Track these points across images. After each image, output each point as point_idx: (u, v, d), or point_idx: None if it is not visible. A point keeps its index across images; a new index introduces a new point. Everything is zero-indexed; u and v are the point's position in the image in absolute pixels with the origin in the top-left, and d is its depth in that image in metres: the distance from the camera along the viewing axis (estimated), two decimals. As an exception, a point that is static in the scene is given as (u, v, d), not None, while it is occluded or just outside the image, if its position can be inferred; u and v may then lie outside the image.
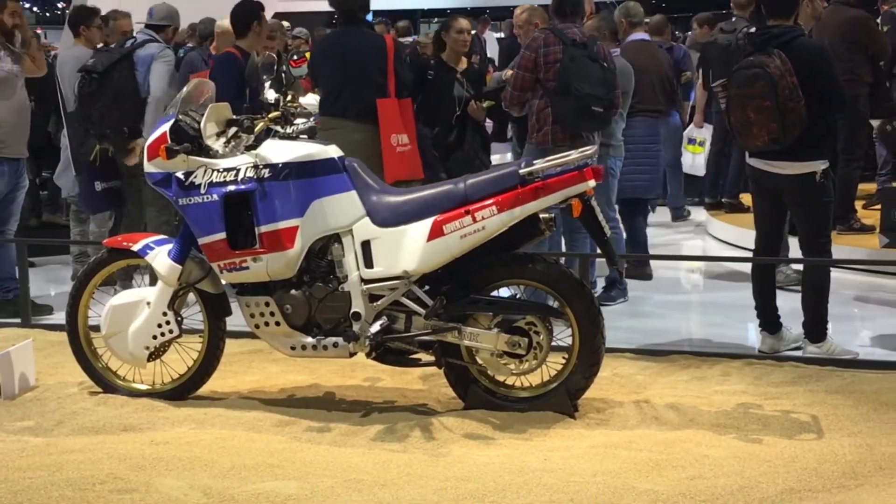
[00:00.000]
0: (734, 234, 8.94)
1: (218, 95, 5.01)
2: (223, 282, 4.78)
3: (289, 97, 4.89)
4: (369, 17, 8.09)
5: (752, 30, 5.69)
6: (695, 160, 9.81)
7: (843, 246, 7.05)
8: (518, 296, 4.71)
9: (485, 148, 7.21)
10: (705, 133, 9.82)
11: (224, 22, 7.27)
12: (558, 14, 6.37)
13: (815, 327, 5.51)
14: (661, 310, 6.88)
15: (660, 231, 9.74)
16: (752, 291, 5.74)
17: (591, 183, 4.35)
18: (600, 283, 6.94)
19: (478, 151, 7.11)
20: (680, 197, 10.09)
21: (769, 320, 5.68)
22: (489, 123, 7.64)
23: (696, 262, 8.49)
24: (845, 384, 4.98)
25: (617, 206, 6.87)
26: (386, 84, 6.30)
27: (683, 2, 21.40)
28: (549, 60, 6.10)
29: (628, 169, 6.97)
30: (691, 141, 9.85)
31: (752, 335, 6.00)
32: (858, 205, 8.30)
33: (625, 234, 7.08)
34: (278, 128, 4.80)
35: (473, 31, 8.13)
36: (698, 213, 10.30)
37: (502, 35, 10.77)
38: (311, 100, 6.97)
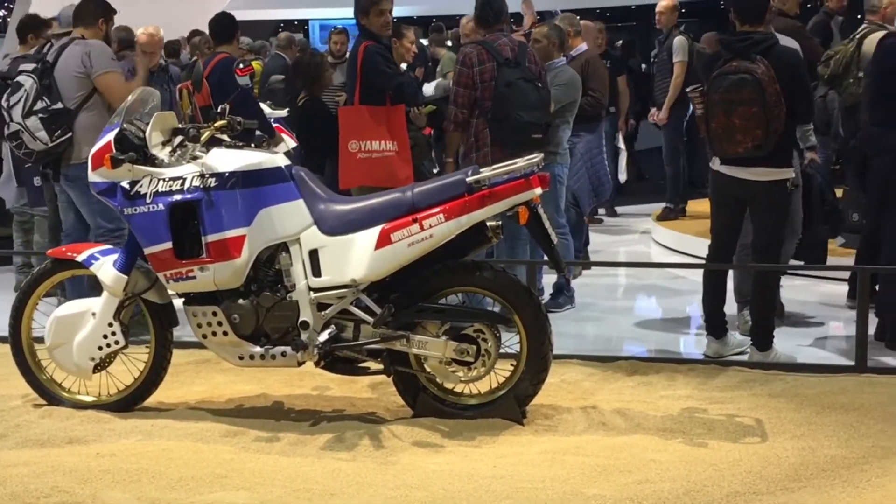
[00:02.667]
0: (678, 240, 9.05)
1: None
2: (170, 292, 4.75)
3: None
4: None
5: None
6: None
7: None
8: (466, 303, 4.73)
9: (428, 153, 7.22)
10: (620, 142, 10.22)
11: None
12: (482, 24, 6.36)
13: (762, 335, 5.58)
14: (608, 316, 6.94)
15: (605, 237, 9.84)
16: (700, 297, 5.80)
17: (538, 190, 4.38)
18: (548, 290, 6.99)
19: (421, 157, 7.10)
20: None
21: (716, 326, 5.75)
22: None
23: (643, 269, 8.56)
24: (788, 388, 5.06)
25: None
26: (353, 92, 6.25)
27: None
28: (485, 79, 6.12)
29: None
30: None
31: (698, 340, 6.07)
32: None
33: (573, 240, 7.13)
34: (225, 136, 4.78)
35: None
36: (645, 221, 10.42)
37: (449, 44, 10.85)
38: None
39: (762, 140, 5.25)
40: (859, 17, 8.08)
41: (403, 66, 7.16)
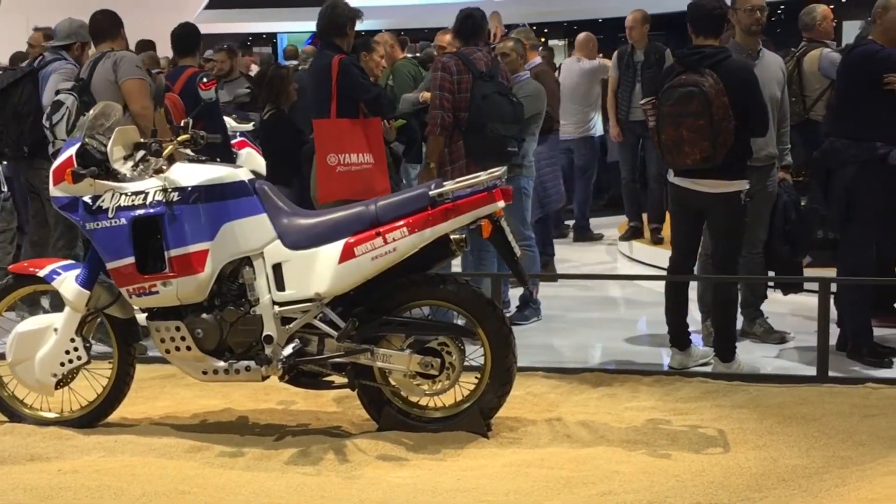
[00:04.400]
0: (646, 252, 9.09)
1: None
2: (133, 307, 4.73)
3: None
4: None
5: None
6: None
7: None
8: (430, 316, 4.74)
9: (396, 167, 7.22)
10: None
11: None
12: (459, 37, 6.43)
13: (725, 347, 5.62)
14: (574, 328, 6.96)
15: (573, 249, 9.88)
16: (664, 308, 5.84)
17: (501, 204, 4.40)
18: (515, 302, 7.01)
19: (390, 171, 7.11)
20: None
21: (679, 337, 5.79)
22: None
23: (609, 280, 8.60)
24: (751, 398, 5.09)
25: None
26: (328, 105, 6.23)
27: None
28: (462, 89, 6.19)
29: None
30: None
31: (664, 352, 6.10)
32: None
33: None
34: (188, 151, 4.78)
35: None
36: (611, 232, 10.45)
37: (419, 55, 10.87)
38: None
39: (710, 152, 5.32)
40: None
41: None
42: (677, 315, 5.77)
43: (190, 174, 4.55)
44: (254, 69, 11.03)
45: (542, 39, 21.99)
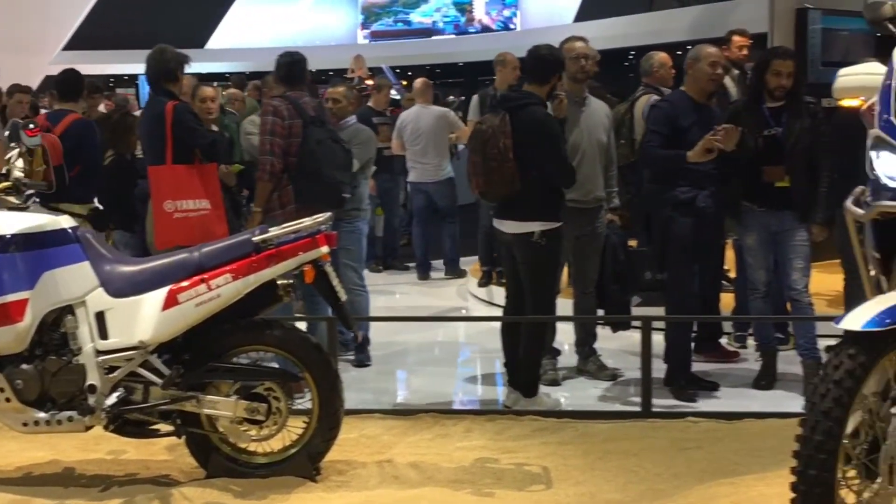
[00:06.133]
0: (493, 292, 9.23)
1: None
2: None
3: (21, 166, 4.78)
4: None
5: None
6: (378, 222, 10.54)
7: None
8: (259, 362, 4.74)
9: (235, 211, 7.19)
10: None
11: None
12: (286, 82, 6.42)
13: (528, 383, 5.80)
14: (414, 369, 7.05)
15: (419, 289, 10.00)
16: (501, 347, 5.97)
17: (324, 249, 4.46)
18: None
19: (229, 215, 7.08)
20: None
21: (514, 375, 5.92)
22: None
23: (452, 321, 8.70)
24: (577, 435, 5.24)
25: None
26: (163, 151, 6.17)
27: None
28: (294, 133, 6.17)
29: None
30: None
31: (500, 391, 6.23)
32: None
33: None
34: (12, 198, 4.70)
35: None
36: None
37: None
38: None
39: (483, 187, 5.68)
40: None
41: None
42: (511, 354, 5.90)
43: (9, 222, 4.47)
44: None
45: (405, 83, 22.27)
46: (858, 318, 3.01)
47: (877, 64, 6.44)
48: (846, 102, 6.67)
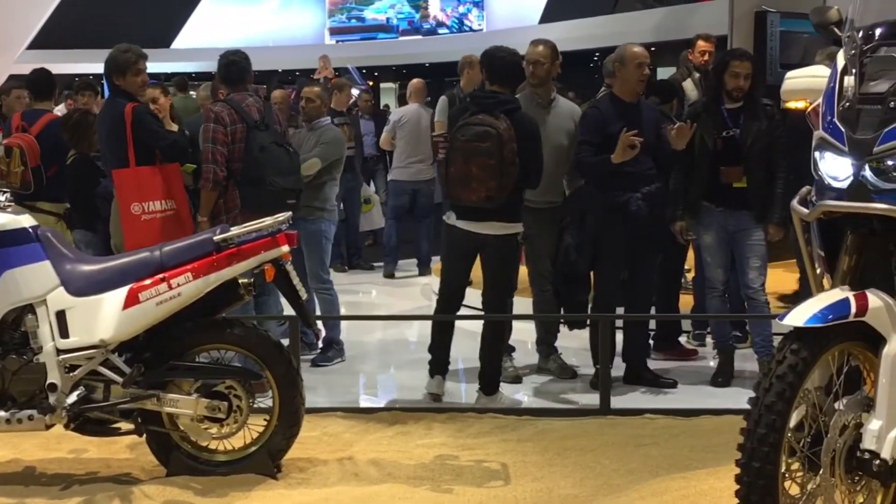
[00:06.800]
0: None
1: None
2: None
3: None
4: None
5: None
6: (365, 217, 10.57)
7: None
8: (221, 360, 4.77)
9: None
10: (370, 191, 10.78)
11: None
12: (226, 83, 6.37)
13: (490, 381, 5.87)
14: (377, 368, 7.10)
15: (383, 289, 10.05)
16: (473, 346, 6.02)
17: (285, 248, 4.50)
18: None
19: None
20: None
21: (440, 365, 6.04)
22: None
23: (415, 320, 8.73)
24: (537, 432, 5.31)
25: None
26: (124, 154, 6.14)
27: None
28: (237, 139, 6.11)
29: None
30: (366, 201, 10.61)
31: (467, 388, 6.28)
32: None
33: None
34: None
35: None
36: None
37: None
38: None
39: (494, 192, 5.57)
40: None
41: None
42: (441, 345, 6.03)
43: (-33, 222, 4.49)
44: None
45: (371, 83, 22.30)
46: (802, 315, 3.09)
47: (822, 67, 6.57)
48: (793, 104, 6.80)
